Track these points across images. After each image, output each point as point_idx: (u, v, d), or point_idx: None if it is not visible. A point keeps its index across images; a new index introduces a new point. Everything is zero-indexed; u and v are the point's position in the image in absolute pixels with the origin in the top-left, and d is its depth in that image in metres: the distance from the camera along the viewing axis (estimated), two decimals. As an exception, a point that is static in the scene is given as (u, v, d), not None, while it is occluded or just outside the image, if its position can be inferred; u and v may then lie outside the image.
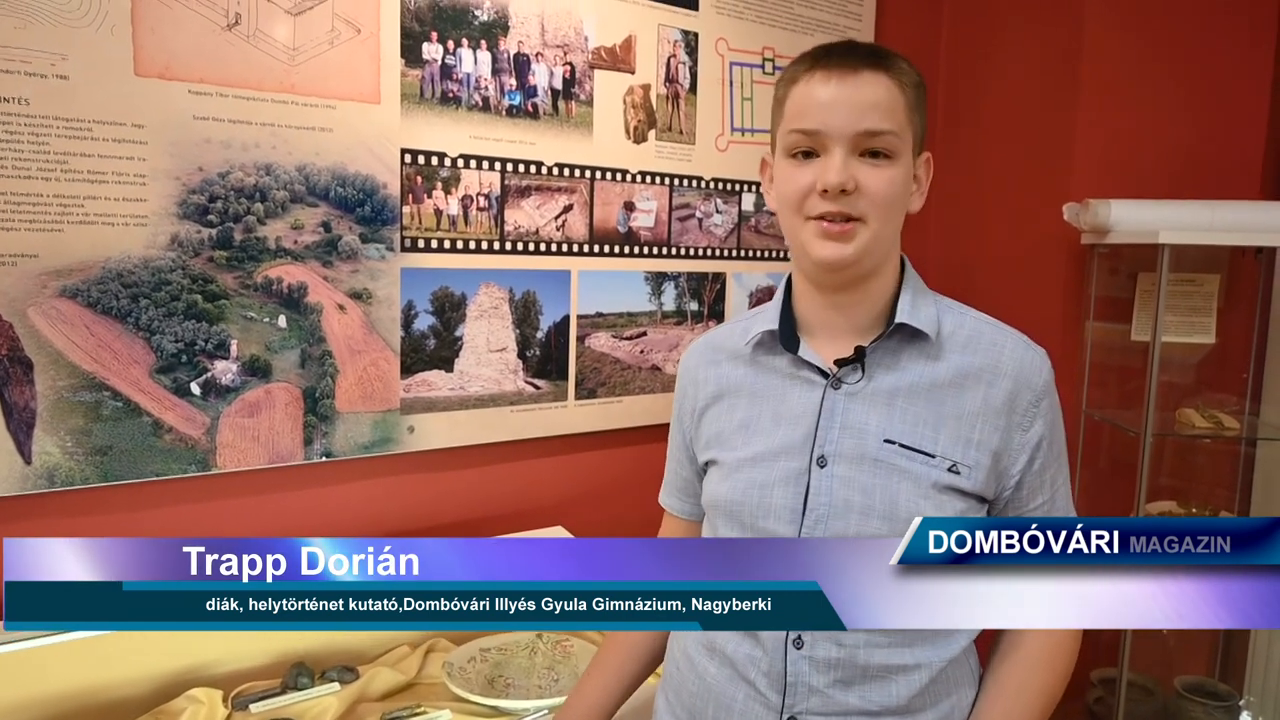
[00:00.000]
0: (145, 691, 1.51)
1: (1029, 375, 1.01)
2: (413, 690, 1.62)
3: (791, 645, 0.98)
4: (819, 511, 0.98)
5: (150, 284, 1.58)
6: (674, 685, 1.13)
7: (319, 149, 1.72)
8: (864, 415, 0.99)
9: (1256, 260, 2.28)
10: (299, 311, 1.73)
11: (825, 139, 0.95)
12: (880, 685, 0.98)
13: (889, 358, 1.01)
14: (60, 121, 1.47)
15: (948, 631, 1.00)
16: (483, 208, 1.93)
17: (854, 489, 0.97)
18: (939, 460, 0.97)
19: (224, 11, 1.59)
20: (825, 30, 2.44)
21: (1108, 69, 2.27)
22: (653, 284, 2.23)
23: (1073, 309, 2.34)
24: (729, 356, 1.11)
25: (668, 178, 2.21)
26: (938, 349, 1.01)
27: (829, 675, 0.98)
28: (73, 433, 1.53)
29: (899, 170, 0.97)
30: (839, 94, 0.95)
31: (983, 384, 1.00)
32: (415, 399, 1.89)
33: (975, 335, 1.03)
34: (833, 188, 0.94)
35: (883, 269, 1.02)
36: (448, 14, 1.85)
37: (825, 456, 0.99)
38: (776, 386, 1.05)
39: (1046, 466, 1.03)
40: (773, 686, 1.00)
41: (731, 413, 1.08)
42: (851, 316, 1.03)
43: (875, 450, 0.98)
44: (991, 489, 1.00)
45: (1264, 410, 2.31)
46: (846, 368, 1.01)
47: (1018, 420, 1.00)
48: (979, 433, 0.98)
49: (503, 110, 1.94)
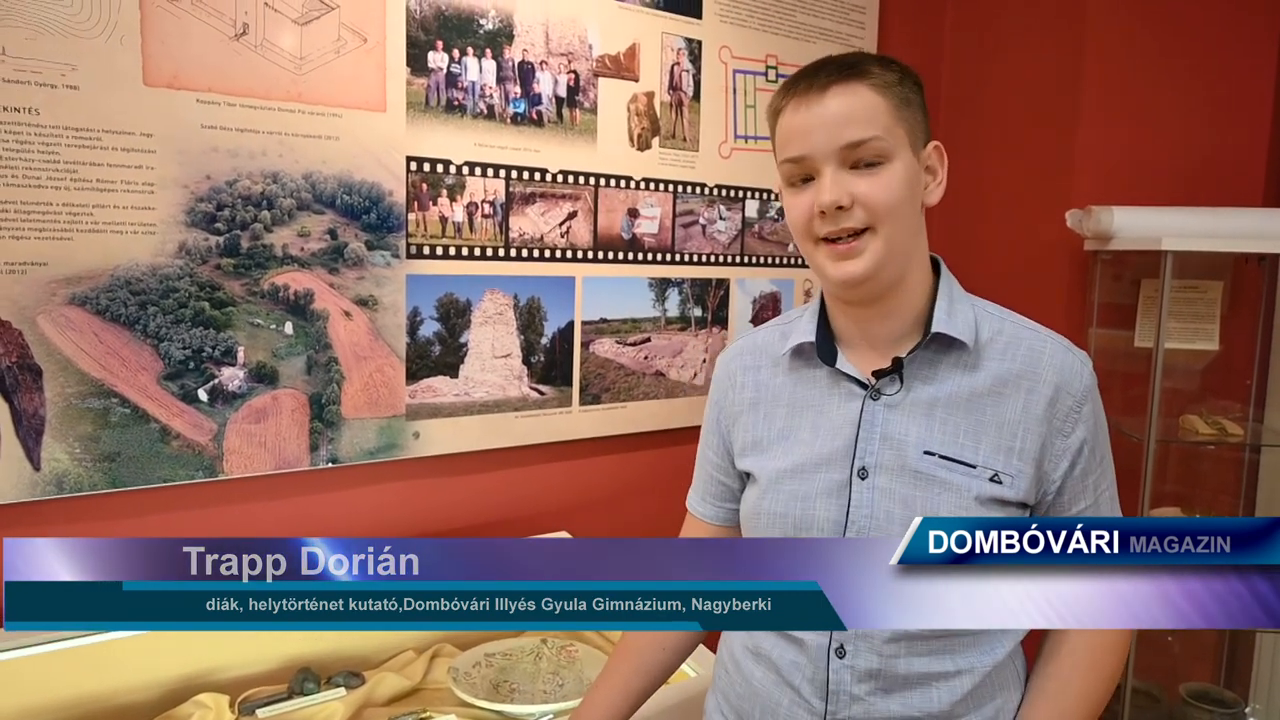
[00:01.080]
0: (152, 697, 1.52)
1: (1070, 380, 0.99)
2: (418, 695, 1.63)
3: (834, 654, 0.99)
4: (861, 524, 0.98)
5: (158, 291, 1.59)
6: (722, 688, 1.14)
7: (325, 157, 1.73)
8: (904, 426, 0.99)
9: (1260, 267, 2.29)
10: (305, 318, 1.74)
11: (812, 162, 0.96)
12: (922, 692, 0.98)
13: (926, 368, 1.01)
14: (70, 131, 1.49)
15: (992, 635, 1.00)
16: (487, 215, 1.95)
17: (895, 501, 0.97)
18: (980, 470, 0.97)
19: (232, 21, 1.61)
20: (828, 38, 2.45)
21: (1111, 76, 2.27)
22: (657, 290, 2.24)
23: (1076, 316, 2.34)
24: (770, 362, 1.11)
25: (671, 184, 2.22)
26: (976, 356, 1.00)
27: (870, 684, 0.98)
28: (81, 439, 1.55)
29: (895, 172, 0.96)
30: (813, 116, 0.96)
31: (1023, 391, 0.99)
32: (420, 405, 1.90)
33: (1014, 341, 1.02)
34: (828, 207, 0.95)
35: (908, 275, 1.02)
36: (453, 23, 1.86)
37: (866, 468, 0.99)
38: (815, 397, 1.05)
39: (1089, 471, 1.02)
40: (816, 693, 1.00)
41: (770, 421, 1.08)
42: (885, 327, 1.02)
43: (916, 462, 0.98)
44: (1034, 495, 0.99)
45: (1268, 416, 2.31)
46: (885, 379, 1.01)
47: (1058, 425, 0.99)
48: (1020, 440, 0.98)
49: (507, 118, 1.95)
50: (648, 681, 1.20)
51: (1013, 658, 1.03)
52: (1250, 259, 2.26)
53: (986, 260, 2.58)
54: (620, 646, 1.23)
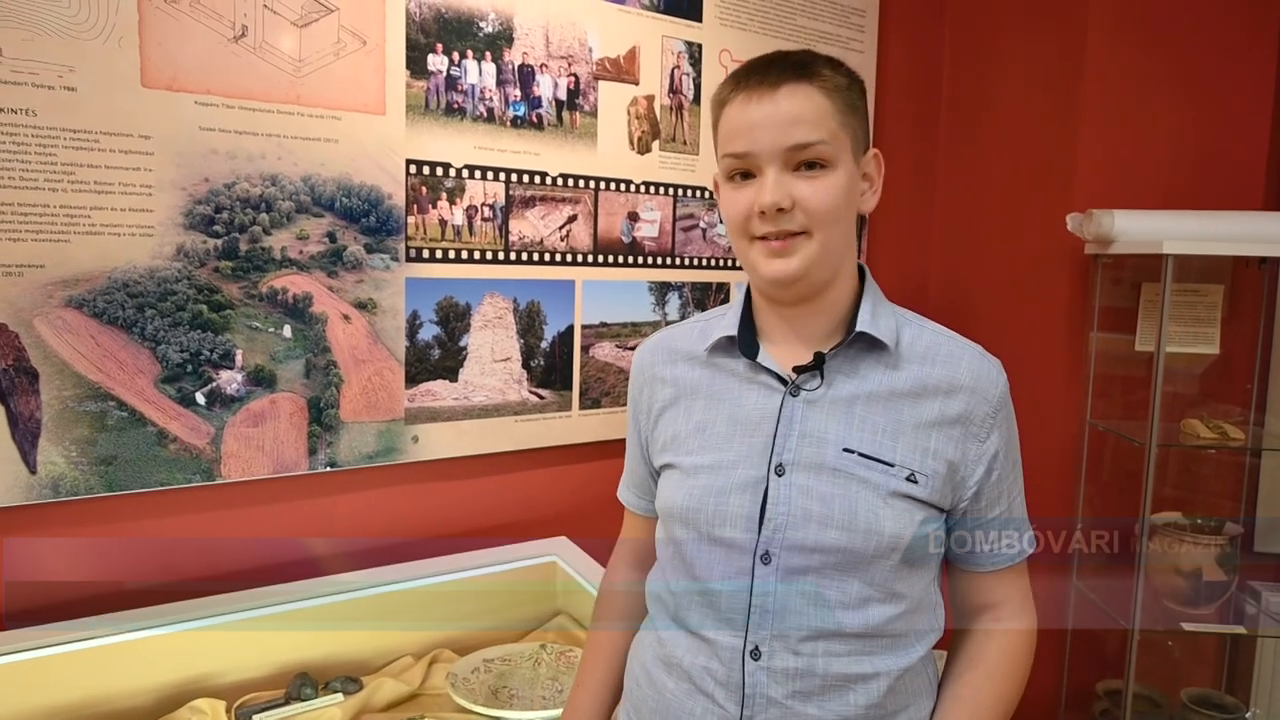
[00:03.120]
0: (149, 702, 1.51)
1: (985, 387, 1.00)
2: (416, 701, 1.62)
3: (749, 656, 0.98)
4: (777, 521, 0.97)
5: (156, 294, 1.58)
6: (634, 701, 1.12)
7: (324, 160, 1.72)
8: (823, 423, 0.99)
9: (1260, 270, 2.28)
10: (304, 321, 1.73)
11: (756, 160, 0.95)
12: (839, 695, 0.97)
13: (848, 365, 1.01)
14: (67, 132, 1.48)
15: (908, 638, 1.00)
16: (487, 218, 1.94)
17: (813, 498, 0.97)
18: (898, 469, 0.97)
19: (230, 24, 1.60)
20: (828, 41, 2.45)
21: (1110, 79, 2.27)
22: (657, 294, 2.23)
23: (1077, 319, 2.34)
24: (686, 357, 1.10)
25: (671, 188, 2.22)
26: (896, 359, 1.01)
27: (788, 686, 0.97)
28: (78, 442, 1.54)
29: (837, 177, 0.96)
30: (761, 113, 0.94)
31: (940, 395, 0.99)
32: (419, 409, 1.89)
33: (933, 347, 1.02)
34: (768, 208, 0.94)
35: (837, 278, 1.02)
36: (453, 25, 1.85)
37: (784, 465, 0.98)
38: (733, 389, 1.05)
39: (1004, 477, 1.02)
40: (731, 698, 0.99)
41: (688, 415, 1.07)
42: (809, 327, 1.03)
43: (834, 459, 0.97)
44: (948, 499, 1.00)
45: (1269, 420, 2.30)
46: (805, 375, 1.01)
47: (974, 431, 1.00)
48: (935, 443, 0.98)
49: (507, 121, 1.94)
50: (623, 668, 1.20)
51: (925, 663, 1.03)
52: (1251, 262, 2.26)
53: (988, 264, 2.58)
54: (591, 642, 1.23)
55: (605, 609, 1.24)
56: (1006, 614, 1.06)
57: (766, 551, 0.97)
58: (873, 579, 0.96)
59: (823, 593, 0.96)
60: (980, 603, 1.08)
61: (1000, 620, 1.06)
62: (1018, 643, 1.05)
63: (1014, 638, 1.05)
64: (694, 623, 1.03)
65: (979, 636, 1.06)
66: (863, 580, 0.96)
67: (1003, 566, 1.05)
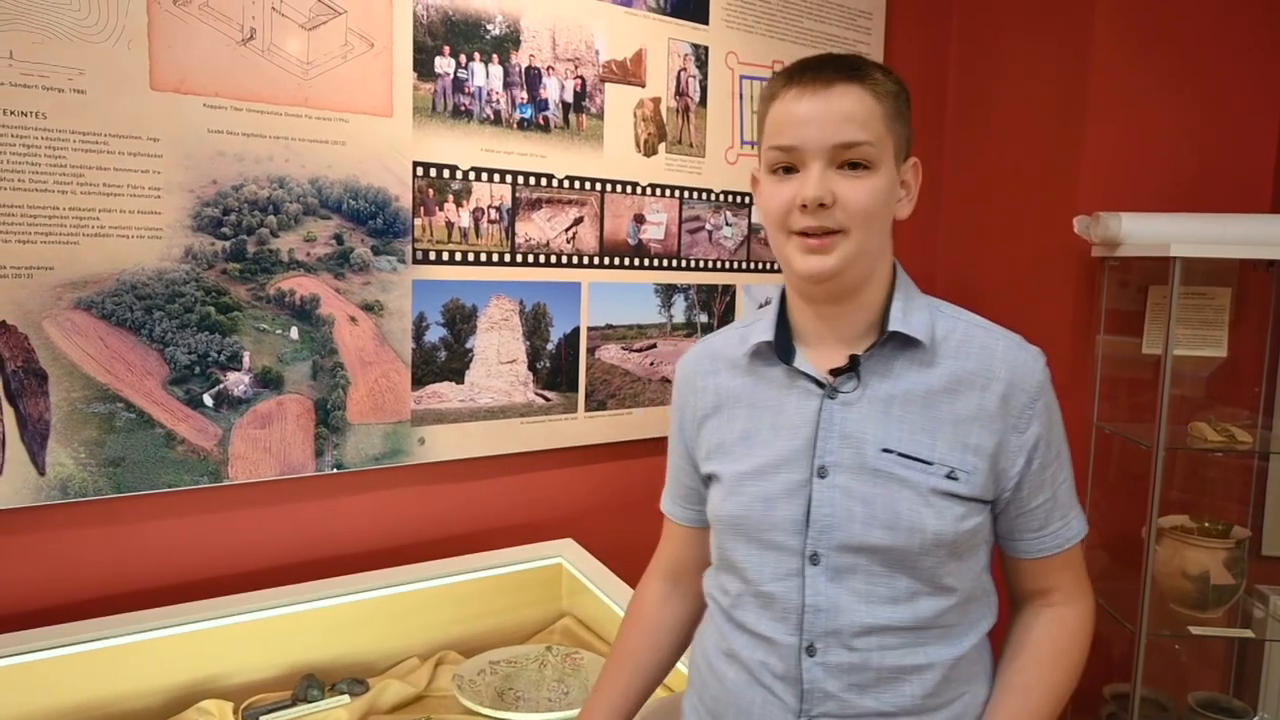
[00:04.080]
0: (156, 704, 1.51)
1: (1022, 376, 1.01)
2: (422, 703, 1.62)
3: (805, 653, 0.99)
4: (822, 523, 0.99)
5: (164, 296, 1.59)
6: (697, 689, 1.14)
7: (332, 162, 1.73)
8: (861, 425, 1.00)
9: (1267, 273, 2.28)
10: (311, 323, 1.74)
11: (802, 154, 0.96)
12: (894, 686, 0.98)
13: (883, 365, 1.01)
14: (77, 135, 1.49)
15: (959, 628, 1.01)
16: (494, 220, 1.94)
17: (855, 499, 0.98)
18: (937, 467, 0.98)
19: (239, 26, 1.61)
20: (835, 44, 2.45)
21: (1117, 81, 2.27)
22: (663, 296, 2.23)
23: (1083, 322, 2.33)
24: (727, 365, 1.12)
25: (678, 190, 2.22)
26: (931, 355, 1.01)
27: (844, 680, 0.98)
28: (86, 444, 1.54)
29: (879, 180, 0.97)
30: (813, 109, 0.96)
31: (976, 388, 1.00)
32: (426, 410, 1.90)
33: (967, 339, 1.02)
34: (810, 202, 0.95)
35: (872, 278, 1.02)
36: (460, 28, 1.86)
37: (825, 467, 1.00)
38: (774, 397, 1.06)
39: (1046, 465, 1.02)
40: (789, 691, 1.01)
41: (732, 423, 1.09)
42: (844, 326, 1.03)
43: (874, 460, 0.98)
44: (990, 491, 1.00)
45: (1276, 424, 2.29)
46: (841, 377, 1.02)
47: (1013, 422, 1.00)
48: (974, 437, 0.99)
49: (514, 123, 1.95)
50: (646, 682, 1.21)
51: (979, 651, 1.04)
52: (1258, 265, 2.25)
53: (994, 266, 2.57)
54: (616, 651, 1.24)
55: (633, 622, 1.25)
56: (1059, 598, 1.07)
57: (815, 552, 0.99)
58: (920, 574, 0.98)
59: (872, 589, 0.98)
60: (1031, 588, 1.08)
61: (1052, 605, 1.07)
62: (1069, 628, 1.06)
63: (1065, 623, 1.06)
64: (750, 621, 1.05)
65: (1031, 622, 1.08)
66: (910, 576, 0.97)
67: (1051, 553, 1.05)
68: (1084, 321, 2.33)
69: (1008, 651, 1.08)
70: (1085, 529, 1.08)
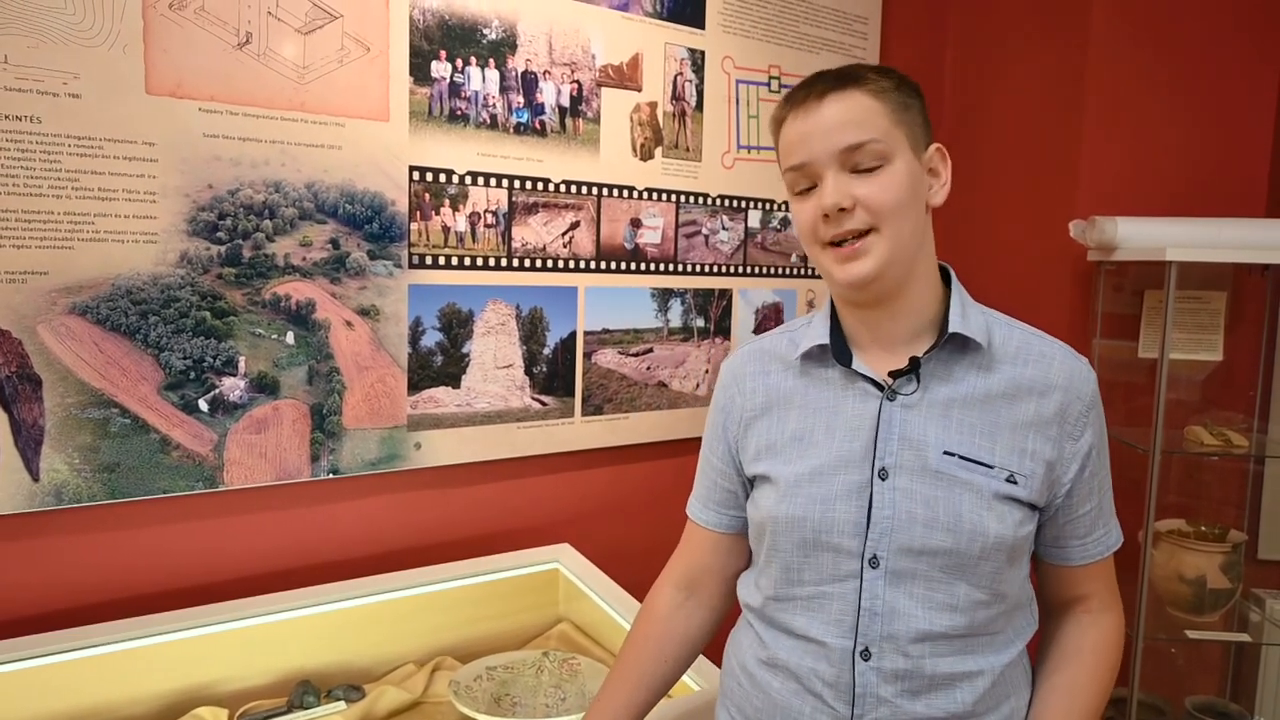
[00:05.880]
0: (150, 710, 1.51)
1: (1079, 386, 1.02)
2: (419, 709, 1.61)
3: (859, 657, 0.99)
4: (883, 525, 0.99)
5: (159, 301, 1.58)
6: (736, 701, 1.13)
7: (328, 166, 1.72)
8: (922, 427, 1.00)
9: (1263, 278, 2.28)
10: (307, 328, 1.73)
11: (814, 169, 0.99)
12: (946, 692, 0.99)
13: (942, 369, 1.02)
14: (71, 140, 1.48)
15: (1007, 634, 1.03)
16: (490, 224, 1.94)
17: (917, 501, 0.98)
18: (997, 470, 0.98)
19: (235, 31, 1.61)
20: (831, 49, 2.45)
21: (1113, 86, 2.27)
22: (659, 301, 2.23)
23: (1079, 326, 2.34)
24: (780, 366, 1.11)
25: (674, 195, 2.22)
26: (990, 360, 1.02)
27: (897, 685, 0.99)
28: (81, 450, 1.53)
29: (895, 172, 0.98)
30: (811, 124, 0.98)
31: (1034, 395, 1.01)
32: (422, 415, 1.89)
33: (1024, 347, 1.03)
34: (830, 209, 0.97)
35: (915, 275, 1.03)
36: (456, 32, 1.86)
37: (886, 469, 1.00)
38: (830, 398, 1.06)
39: (1095, 473, 1.05)
40: (840, 698, 1.00)
41: (783, 424, 1.08)
42: (894, 329, 1.04)
43: (936, 462, 0.99)
44: (1044, 497, 1.02)
45: (1272, 427, 2.30)
46: (901, 379, 1.02)
47: (1069, 430, 1.01)
48: (1032, 443, 1.00)
49: (510, 128, 1.95)
50: (650, 694, 1.19)
51: (1022, 658, 1.06)
52: (1253, 270, 2.26)
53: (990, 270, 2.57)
54: (621, 659, 1.22)
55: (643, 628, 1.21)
56: (1096, 605, 1.10)
57: (874, 555, 0.99)
58: (978, 580, 0.98)
59: (931, 594, 0.98)
60: (1072, 595, 1.10)
61: (1090, 611, 1.10)
62: (1110, 634, 1.09)
63: (1107, 629, 1.09)
64: (800, 626, 1.04)
65: (1073, 628, 1.10)
66: (969, 582, 0.98)
67: (1093, 560, 1.08)
68: (1080, 325, 2.34)
69: (1052, 656, 1.09)
70: (1123, 538, 1.11)
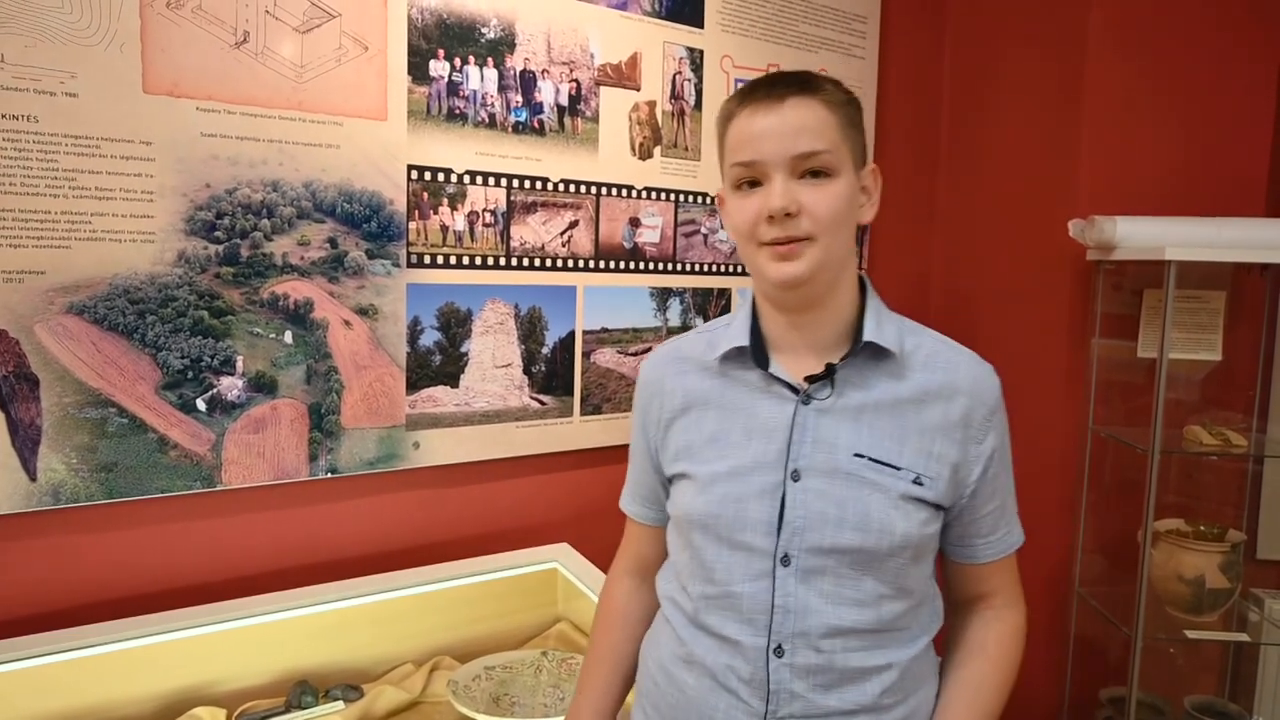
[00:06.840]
0: (148, 711, 1.50)
1: (983, 392, 1.06)
2: (417, 709, 1.61)
3: (773, 654, 1.01)
4: (795, 524, 1.01)
5: (157, 300, 1.58)
6: (652, 699, 1.15)
7: (326, 165, 1.72)
8: (834, 430, 1.03)
9: (1262, 277, 2.28)
10: (305, 327, 1.73)
11: (764, 167, 1.00)
12: (856, 685, 1.02)
13: (856, 375, 1.05)
14: (69, 139, 1.48)
15: (914, 629, 1.06)
16: (489, 224, 1.94)
17: (828, 501, 1.01)
18: (904, 472, 1.02)
19: (232, 30, 1.60)
20: (830, 48, 2.45)
21: (1111, 87, 2.27)
22: (658, 300, 2.23)
23: (1078, 326, 2.33)
24: (696, 368, 1.13)
25: (673, 194, 2.21)
26: (901, 367, 1.05)
27: (809, 680, 1.01)
28: (78, 449, 1.53)
29: (840, 186, 1.00)
30: (769, 123, 0.99)
31: (941, 401, 1.04)
32: (421, 415, 1.89)
33: (934, 355, 1.07)
34: (777, 212, 0.98)
35: (839, 286, 1.06)
36: (455, 31, 1.85)
37: (799, 470, 1.02)
38: (746, 400, 1.08)
39: (998, 475, 1.08)
40: (755, 694, 1.02)
41: (700, 425, 1.10)
42: (814, 334, 1.06)
43: (846, 464, 1.02)
44: (950, 497, 1.05)
45: (1271, 427, 2.30)
46: (817, 384, 1.04)
47: (973, 434, 1.05)
48: (939, 446, 1.03)
49: (509, 127, 1.94)
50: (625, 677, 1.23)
51: (929, 652, 1.09)
52: (1252, 269, 2.26)
53: (989, 270, 2.58)
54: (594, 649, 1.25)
55: (607, 617, 1.26)
56: (999, 602, 1.14)
57: (786, 554, 1.01)
58: (885, 577, 1.01)
59: (840, 590, 1.01)
60: (976, 592, 1.14)
61: (994, 608, 1.14)
62: (1011, 629, 1.13)
63: (1009, 625, 1.13)
64: (715, 624, 1.06)
65: (976, 624, 1.13)
66: (876, 578, 1.01)
67: (997, 558, 1.12)
68: (1079, 325, 2.33)
69: (957, 652, 1.13)
70: (1024, 538, 1.15)
